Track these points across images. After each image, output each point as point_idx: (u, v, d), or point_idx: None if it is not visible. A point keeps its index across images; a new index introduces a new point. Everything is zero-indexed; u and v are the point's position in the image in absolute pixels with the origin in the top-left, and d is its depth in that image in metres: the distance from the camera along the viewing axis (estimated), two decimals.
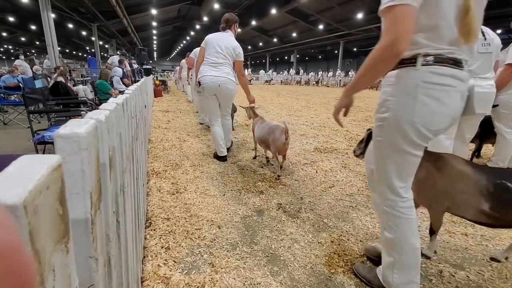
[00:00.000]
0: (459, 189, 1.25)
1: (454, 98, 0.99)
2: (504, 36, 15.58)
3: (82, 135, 0.33)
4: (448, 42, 0.93)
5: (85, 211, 0.34)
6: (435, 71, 0.96)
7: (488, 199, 1.19)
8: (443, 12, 0.90)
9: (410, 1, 0.85)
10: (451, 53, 0.95)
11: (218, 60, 2.80)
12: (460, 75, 0.97)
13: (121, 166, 0.69)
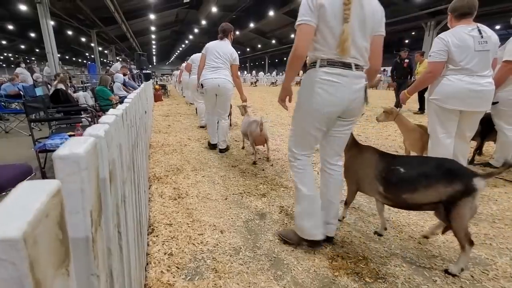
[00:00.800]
0: (364, 173, 1.56)
1: (341, 90, 1.36)
2: (503, 31, 15.54)
3: (81, 155, 0.33)
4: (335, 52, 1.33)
5: (85, 230, 0.35)
6: (327, 71, 1.35)
7: (382, 182, 1.48)
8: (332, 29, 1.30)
9: (308, 21, 1.29)
10: (340, 58, 1.34)
11: (217, 64, 3.21)
12: (348, 74, 1.35)
13: (122, 177, 0.69)
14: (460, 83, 2.11)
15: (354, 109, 1.44)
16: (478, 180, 1.28)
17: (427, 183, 1.36)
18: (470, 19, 2.15)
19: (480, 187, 1.28)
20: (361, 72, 1.40)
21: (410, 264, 1.47)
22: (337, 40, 1.31)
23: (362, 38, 1.35)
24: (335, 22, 1.29)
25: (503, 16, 12.65)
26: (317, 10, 1.28)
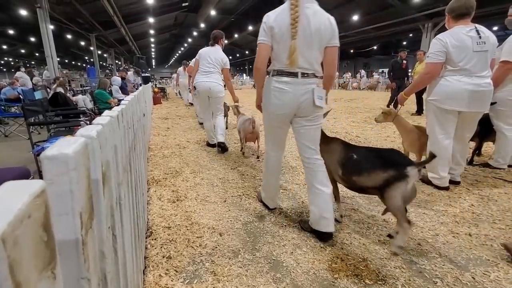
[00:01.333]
0: (331, 160, 1.80)
1: (288, 96, 1.65)
2: (501, 32, 15.60)
3: (69, 155, 0.33)
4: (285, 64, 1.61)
5: (75, 232, 0.34)
6: (277, 79, 1.67)
7: (341, 167, 1.73)
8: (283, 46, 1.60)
9: (264, 41, 1.63)
10: (288, 69, 1.62)
11: (209, 69, 3.48)
12: (293, 81, 1.63)
13: (117, 179, 0.68)
14: (459, 83, 2.11)
15: (305, 109, 1.67)
16: (411, 168, 1.47)
17: (370, 168, 1.58)
18: (468, 19, 2.15)
19: (412, 174, 1.47)
20: (308, 79, 1.64)
21: (410, 266, 1.46)
22: (287, 53, 1.58)
23: (310, 50, 1.59)
24: (284, 40, 1.57)
25: (501, 17, 12.72)
26: (270, 31, 1.60)
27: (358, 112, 7.23)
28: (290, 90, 1.63)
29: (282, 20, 1.57)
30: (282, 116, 1.71)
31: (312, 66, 1.62)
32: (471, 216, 1.95)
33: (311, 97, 1.63)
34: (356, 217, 1.96)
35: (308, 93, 1.63)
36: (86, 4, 12.23)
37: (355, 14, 17.38)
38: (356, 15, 17.42)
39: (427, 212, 2.02)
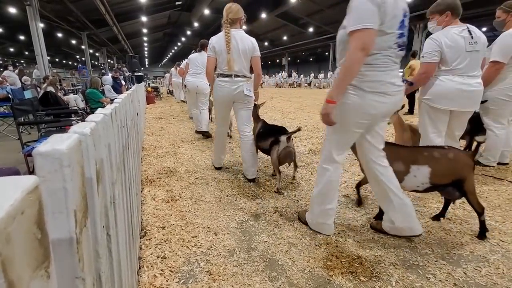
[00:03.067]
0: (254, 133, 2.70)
1: (225, 90, 2.48)
2: (489, 33, 15.93)
3: (63, 151, 0.32)
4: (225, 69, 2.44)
5: (69, 230, 0.33)
6: (219, 79, 2.50)
7: (256, 137, 2.63)
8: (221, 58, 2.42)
9: (211, 55, 2.45)
10: (226, 71, 2.45)
11: (196, 71, 4.39)
12: (229, 80, 2.47)
13: (111, 178, 0.67)
14: (451, 83, 2.14)
15: (238, 97, 2.52)
16: (283, 136, 2.32)
17: (265, 136, 2.49)
18: (458, 20, 2.20)
19: (282, 140, 2.31)
20: (238, 79, 2.48)
21: (403, 262, 1.48)
22: (225, 63, 2.41)
23: (241, 60, 2.43)
24: (223, 54, 2.40)
25: (489, 19, 12.98)
26: (213, 49, 2.43)
27: None
28: (226, 85, 2.48)
29: (220, 42, 2.40)
30: (224, 101, 2.58)
31: (241, 71, 2.47)
32: (462, 213, 1.99)
33: (242, 89, 2.48)
34: (351, 215, 1.98)
35: (240, 87, 2.48)
36: (77, 2, 12.04)
37: None
38: None
39: (419, 209, 2.04)
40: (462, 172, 1.62)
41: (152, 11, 17.91)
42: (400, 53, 1.45)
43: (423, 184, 1.67)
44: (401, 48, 1.43)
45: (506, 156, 2.90)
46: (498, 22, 2.66)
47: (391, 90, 1.45)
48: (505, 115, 2.72)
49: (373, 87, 1.42)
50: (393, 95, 1.46)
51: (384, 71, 1.42)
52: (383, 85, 1.43)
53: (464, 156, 1.66)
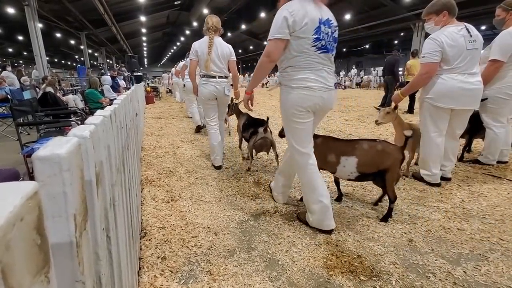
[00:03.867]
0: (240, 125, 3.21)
1: (208, 87, 2.85)
2: (489, 32, 15.91)
3: (62, 156, 0.32)
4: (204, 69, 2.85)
5: (69, 234, 0.33)
6: (203, 79, 2.88)
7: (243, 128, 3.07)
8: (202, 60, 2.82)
9: (193, 58, 2.84)
10: (206, 73, 2.84)
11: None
12: (213, 79, 2.85)
13: (111, 180, 0.67)
14: (453, 81, 2.15)
15: (220, 95, 2.90)
16: (260, 128, 2.70)
17: (248, 128, 2.91)
18: (454, 18, 2.20)
19: (260, 131, 2.70)
20: (221, 79, 2.88)
21: (403, 261, 1.48)
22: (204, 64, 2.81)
23: (219, 62, 2.83)
24: (203, 57, 2.79)
25: (488, 17, 12.98)
26: (196, 53, 2.81)
27: (351, 110, 7.29)
28: (212, 84, 2.85)
29: (203, 46, 2.80)
30: (209, 98, 2.91)
31: (222, 71, 2.87)
32: (462, 212, 1.99)
33: (223, 89, 2.89)
34: (351, 215, 1.98)
35: (222, 87, 2.88)
36: (76, 2, 12.00)
37: (347, 13, 17.49)
38: (348, 14, 17.54)
39: (419, 208, 2.05)
40: (387, 163, 1.79)
41: (151, 11, 17.86)
42: (324, 55, 1.65)
43: (352, 173, 1.87)
44: (323, 51, 1.63)
45: (505, 155, 2.91)
46: (498, 20, 2.66)
47: (316, 86, 1.65)
48: (505, 114, 2.72)
49: (298, 83, 1.66)
50: (319, 90, 1.66)
51: (307, 70, 1.65)
52: (308, 81, 1.64)
53: (392, 149, 1.81)
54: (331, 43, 1.66)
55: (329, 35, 1.64)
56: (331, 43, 1.67)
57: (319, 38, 1.60)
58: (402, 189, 2.37)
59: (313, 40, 1.60)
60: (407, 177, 2.61)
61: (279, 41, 1.60)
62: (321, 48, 1.63)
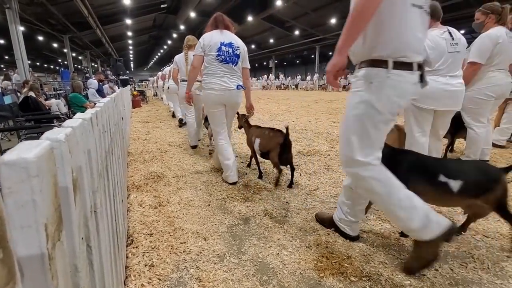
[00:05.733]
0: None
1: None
2: (468, 36, 16.51)
3: (30, 160, 0.29)
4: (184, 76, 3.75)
5: (40, 246, 0.30)
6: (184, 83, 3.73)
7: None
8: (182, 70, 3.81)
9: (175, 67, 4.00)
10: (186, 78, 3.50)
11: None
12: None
13: (92, 186, 0.64)
14: (435, 83, 2.20)
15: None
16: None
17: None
18: (439, 22, 2.27)
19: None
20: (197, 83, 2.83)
21: (392, 261, 1.50)
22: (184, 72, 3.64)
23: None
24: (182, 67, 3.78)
25: (468, 21, 13.51)
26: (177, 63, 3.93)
27: (339, 112, 7.39)
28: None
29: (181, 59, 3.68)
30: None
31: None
32: (446, 209, 2.03)
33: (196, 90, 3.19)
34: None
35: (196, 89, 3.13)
36: (58, 4, 11.71)
37: (332, 18, 17.83)
38: (333, 19, 17.87)
39: None
40: (271, 145, 2.43)
41: (137, 14, 17.64)
42: (227, 65, 2.44)
43: (258, 150, 2.57)
44: (224, 62, 2.43)
45: (486, 154, 3.00)
46: (477, 24, 2.75)
47: (217, 87, 2.44)
48: (485, 114, 2.82)
49: (206, 86, 2.49)
50: (219, 90, 2.44)
51: (212, 76, 2.45)
52: (212, 84, 2.45)
53: (275, 135, 2.44)
54: (232, 57, 2.45)
55: (230, 52, 2.44)
56: (232, 58, 2.45)
57: (219, 54, 2.41)
58: None
59: (216, 56, 2.40)
60: None
61: (198, 56, 2.48)
62: (222, 61, 2.42)
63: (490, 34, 2.57)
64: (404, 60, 1.21)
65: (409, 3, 1.16)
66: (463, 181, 1.42)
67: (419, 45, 1.22)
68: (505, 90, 2.77)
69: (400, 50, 1.19)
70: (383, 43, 1.20)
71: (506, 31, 2.61)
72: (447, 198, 1.48)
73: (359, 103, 1.30)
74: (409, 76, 1.23)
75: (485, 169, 1.48)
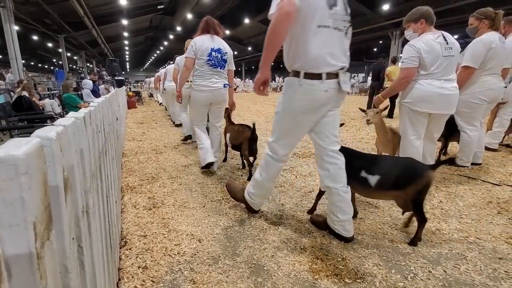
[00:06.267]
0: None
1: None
2: (461, 41, 16.77)
3: (19, 157, 0.29)
4: None
5: (28, 245, 0.30)
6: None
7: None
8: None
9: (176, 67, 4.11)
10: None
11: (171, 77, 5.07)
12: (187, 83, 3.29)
13: (84, 186, 0.63)
14: (430, 87, 2.23)
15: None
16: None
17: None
18: (432, 27, 2.30)
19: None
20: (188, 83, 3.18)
21: (386, 262, 1.50)
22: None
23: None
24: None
25: (461, 27, 13.71)
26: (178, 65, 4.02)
27: None
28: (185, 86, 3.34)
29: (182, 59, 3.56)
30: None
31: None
32: (440, 212, 2.05)
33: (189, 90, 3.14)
34: None
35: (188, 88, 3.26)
36: (54, 4, 11.61)
37: None
38: None
39: (400, 210, 2.09)
40: (241, 139, 2.73)
41: (133, 15, 17.57)
42: (214, 69, 2.73)
43: (230, 143, 2.95)
44: (213, 66, 2.71)
45: (479, 157, 3.04)
46: (471, 29, 2.80)
47: (206, 88, 2.73)
48: (478, 118, 2.86)
49: (196, 87, 2.77)
50: (206, 91, 2.74)
51: (201, 78, 2.73)
52: (202, 86, 2.73)
53: (243, 130, 2.73)
54: (220, 62, 2.74)
55: (218, 58, 2.72)
56: (221, 62, 2.75)
57: (210, 59, 2.68)
58: None
59: (206, 60, 2.67)
60: None
61: (190, 58, 2.70)
62: (212, 65, 2.70)
63: (483, 39, 2.62)
64: (312, 71, 1.47)
65: (315, 25, 1.41)
66: (381, 176, 1.63)
67: (328, 58, 1.46)
68: (498, 94, 2.82)
69: (308, 63, 1.46)
70: (297, 57, 1.49)
71: (499, 36, 2.66)
72: (368, 191, 1.73)
73: (281, 103, 1.66)
74: (320, 85, 1.48)
75: (410, 166, 1.64)
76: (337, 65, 1.49)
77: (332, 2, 1.43)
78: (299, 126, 1.66)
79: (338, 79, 1.51)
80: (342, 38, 1.50)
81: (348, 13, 1.52)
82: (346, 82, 1.55)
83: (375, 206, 2.16)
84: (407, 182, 1.58)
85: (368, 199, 2.19)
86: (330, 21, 1.42)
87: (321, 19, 1.41)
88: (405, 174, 1.61)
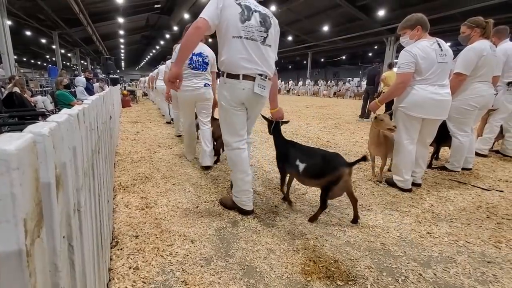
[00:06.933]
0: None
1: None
2: (453, 48, 17.09)
3: (11, 152, 0.28)
4: None
5: (17, 242, 0.29)
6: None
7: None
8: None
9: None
10: None
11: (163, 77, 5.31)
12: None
13: (76, 184, 0.63)
14: (424, 92, 2.27)
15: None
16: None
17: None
18: (427, 33, 2.35)
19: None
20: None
21: (378, 265, 1.52)
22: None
23: None
24: None
25: (453, 35, 13.98)
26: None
27: (329, 118, 7.49)
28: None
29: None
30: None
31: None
32: (431, 216, 2.08)
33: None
34: (328, 220, 2.00)
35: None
36: None
37: (325, 25, 18.13)
38: (326, 26, 18.18)
39: (392, 213, 2.11)
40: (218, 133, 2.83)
41: (130, 13, 17.46)
42: (197, 71, 2.95)
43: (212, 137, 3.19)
44: (195, 68, 2.94)
45: (470, 162, 3.10)
46: (463, 37, 2.86)
47: (188, 88, 2.95)
48: (469, 124, 2.91)
49: (182, 88, 2.80)
50: (189, 91, 2.97)
51: (184, 80, 2.82)
52: (185, 86, 2.92)
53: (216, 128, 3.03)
54: (202, 65, 2.96)
55: (200, 61, 2.94)
56: (202, 65, 2.96)
57: (191, 63, 2.91)
58: (377, 195, 2.44)
59: (188, 64, 2.90)
60: (381, 183, 2.69)
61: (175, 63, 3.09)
62: (193, 68, 2.94)
63: (474, 47, 2.67)
64: (232, 72, 1.79)
65: (230, 36, 1.73)
66: (306, 165, 1.91)
67: (243, 62, 1.75)
68: (488, 101, 2.88)
69: (228, 66, 1.79)
70: (222, 61, 1.81)
71: (490, 44, 2.72)
72: (300, 178, 2.01)
73: (219, 100, 1.95)
74: (238, 84, 1.79)
75: (329, 159, 1.87)
76: (254, 68, 1.77)
77: (245, 18, 1.74)
78: (234, 115, 1.92)
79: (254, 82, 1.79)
80: (259, 46, 1.79)
81: (267, 26, 1.81)
82: (261, 86, 1.81)
83: (367, 209, 2.17)
84: (323, 173, 1.84)
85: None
86: (243, 32, 1.73)
87: (234, 31, 1.73)
88: (323, 166, 1.85)
